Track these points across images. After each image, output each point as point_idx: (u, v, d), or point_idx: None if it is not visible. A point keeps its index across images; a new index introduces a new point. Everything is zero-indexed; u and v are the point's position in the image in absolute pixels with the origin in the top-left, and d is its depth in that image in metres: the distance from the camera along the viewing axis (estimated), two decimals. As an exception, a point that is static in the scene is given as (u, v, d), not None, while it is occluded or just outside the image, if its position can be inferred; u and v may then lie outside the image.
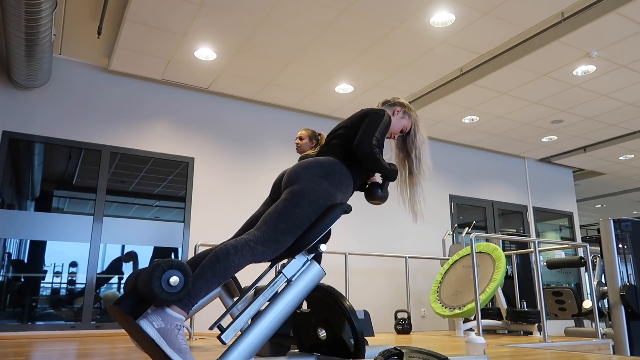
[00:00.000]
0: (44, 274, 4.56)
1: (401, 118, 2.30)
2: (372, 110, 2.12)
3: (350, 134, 2.06)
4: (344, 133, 2.08)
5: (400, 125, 2.29)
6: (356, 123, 2.09)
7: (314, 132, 3.55)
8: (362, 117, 2.10)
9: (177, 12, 3.97)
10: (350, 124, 2.11)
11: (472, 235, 4.03)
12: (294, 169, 1.91)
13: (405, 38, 4.33)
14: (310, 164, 1.90)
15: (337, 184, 1.89)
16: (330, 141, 2.12)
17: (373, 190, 2.14)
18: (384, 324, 5.88)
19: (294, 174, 1.88)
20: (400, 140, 2.35)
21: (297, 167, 1.91)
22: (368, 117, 2.08)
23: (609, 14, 3.90)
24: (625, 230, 4.64)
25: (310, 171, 1.86)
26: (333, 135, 2.13)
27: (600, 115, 6.04)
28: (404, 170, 2.29)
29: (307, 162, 1.92)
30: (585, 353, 3.41)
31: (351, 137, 2.04)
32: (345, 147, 2.03)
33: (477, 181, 7.43)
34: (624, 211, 11.40)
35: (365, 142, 1.97)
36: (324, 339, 2.06)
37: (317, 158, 1.96)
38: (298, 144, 3.52)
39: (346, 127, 2.10)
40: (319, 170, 1.87)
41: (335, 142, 2.08)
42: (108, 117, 5.06)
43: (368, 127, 2.03)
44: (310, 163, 1.91)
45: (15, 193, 4.61)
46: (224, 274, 1.59)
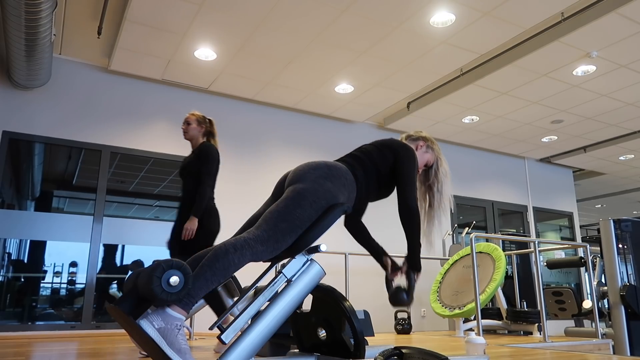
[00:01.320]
0: (44, 274, 4.56)
1: (425, 152, 2.32)
2: (402, 149, 2.12)
3: (372, 155, 2.09)
4: (366, 152, 2.11)
5: (424, 159, 2.32)
6: (383, 152, 2.10)
7: (203, 117, 3.41)
8: (391, 152, 2.11)
9: (177, 12, 3.97)
10: (376, 148, 2.13)
11: (472, 235, 4.03)
12: (301, 167, 1.92)
13: (405, 38, 4.33)
14: (318, 165, 1.91)
15: (341, 188, 1.89)
16: (352, 152, 2.14)
17: (399, 294, 2.04)
18: (384, 324, 5.87)
19: (300, 172, 1.88)
20: (422, 173, 2.36)
21: (304, 166, 1.92)
22: (401, 162, 2.07)
23: (609, 14, 3.90)
24: (625, 230, 4.64)
25: (316, 172, 1.87)
26: (358, 148, 2.16)
27: (600, 115, 6.04)
28: (424, 202, 2.31)
29: (316, 163, 1.93)
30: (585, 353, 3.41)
31: (372, 158, 2.07)
32: (360, 161, 2.06)
33: (477, 181, 7.43)
34: (624, 211, 11.40)
35: (411, 196, 2.02)
36: (324, 339, 2.06)
37: (325, 161, 1.97)
38: (185, 130, 3.36)
39: (371, 148, 2.13)
40: (325, 172, 1.88)
41: (355, 154, 2.11)
42: (108, 117, 5.06)
43: (407, 177, 2.06)
44: (319, 164, 1.92)
45: (15, 193, 4.61)
46: (224, 273, 1.59)
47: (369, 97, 5.62)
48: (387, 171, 2.10)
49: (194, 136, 3.37)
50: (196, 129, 3.37)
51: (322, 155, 6.22)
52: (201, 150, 3.27)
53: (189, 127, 3.36)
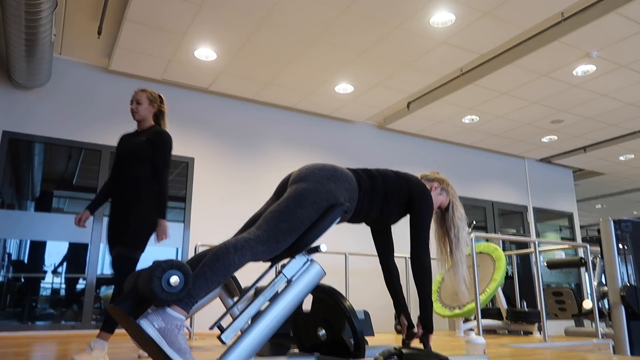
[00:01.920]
0: (44, 274, 4.56)
1: (439, 194, 2.34)
2: (421, 192, 2.13)
3: (388, 178, 2.10)
4: (384, 174, 2.12)
5: (438, 201, 2.34)
6: (400, 181, 2.12)
7: (154, 94, 3.04)
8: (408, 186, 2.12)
9: (177, 12, 3.97)
10: (396, 175, 2.14)
11: (472, 235, 4.03)
12: (306, 167, 1.92)
13: (405, 38, 4.33)
14: (324, 167, 1.92)
15: (343, 191, 1.90)
16: (369, 169, 2.14)
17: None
18: (384, 324, 5.87)
19: (304, 172, 1.89)
20: (439, 216, 2.38)
21: (309, 166, 1.93)
22: (419, 207, 2.10)
23: (609, 14, 3.90)
24: (625, 231, 4.64)
25: (320, 172, 1.88)
26: (378, 169, 2.15)
27: (600, 115, 6.04)
28: (444, 247, 2.34)
29: (322, 164, 1.94)
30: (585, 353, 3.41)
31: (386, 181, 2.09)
32: (373, 178, 2.07)
33: (477, 181, 7.43)
34: (624, 211, 11.40)
35: (424, 247, 2.09)
36: (324, 339, 2.06)
37: (333, 165, 1.98)
38: (136, 110, 2.93)
39: (391, 173, 2.14)
40: (330, 173, 1.89)
41: (372, 170, 2.11)
42: (108, 117, 5.06)
43: (422, 226, 2.10)
44: (325, 166, 1.93)
45: (15, 193, 4.61)
46: (224, 273, 1.59)
47: (369, 97, 5.62)
48: (396, 201, 2.10)
49: (145, 117, 2.97)
50: (147, 108, 2.97)
51: (322, 155, 6.22)
52: (157, 135, 2.86)
53: (140, 107, 2.93)
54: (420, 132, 6.78)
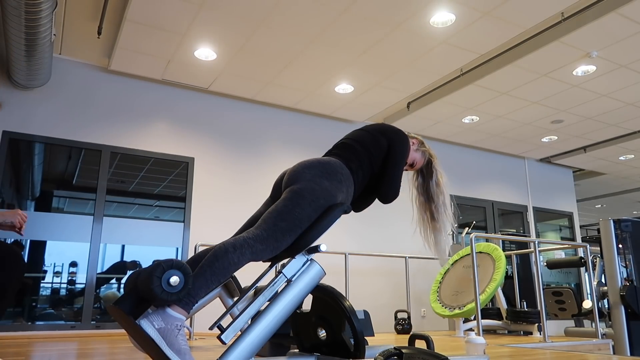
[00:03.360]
0: (44, 274, 4.56)
1: (415, 151, 2.29)
2: (396, 135, 2.11)
3: (364, 141, 2.08)
4: (358, 138, 2.10)
5: (413, 157, 2.28)
6: (376, 138, 2.10)
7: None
8: (385, 137, 2.10)
9: (177, 12, 3.97)
10: (368, 134, 2.12)
11: (472, 235, 4.03)
12: (295, 168, 1.91)
13: (405, 38, 4.33)
14: (312, 164, 1.91)
15: (338, 185, 1.89)
16: (340, 142, 2.13)
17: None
18: (384, 324, 5.87)
19: (295, 173, 1.88)
20: (420, 183, 2.34)
21: (298, 166, 1.91)
22: (394, 153, 2.08)
23: (609, 14, 3.90)
24: (625, 230, 4.64)
25: (311, 171, 1.87)
26: (346, 137, 2.15)
27: (600, 115, 6.04)
28: (426, 214, 2.29)
29: (309, 161, 1.93)
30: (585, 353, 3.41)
31: (364, 145, 2.07)
32: (353, 150, 2.05)
33: (477, 181, 7.43)
34: (624, 211, 11.40)
35: (394, 190, 2.06)
36: (324, 339, 2.06)
37: (319, 158, 1.97)
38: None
39: (363, 134, 2.12)
40: (320, 170, 1.88)
41: (346, 142, 2.10)
42: (108, 117, 5.06)
43: (395, 170, 2.07)
44: (312, 163, 1.92)
45: (15, 193, 4.61)
46: (224, 272, 1.59)
47: (369, 97, 5.62)
48: (380, 157, 2.09)
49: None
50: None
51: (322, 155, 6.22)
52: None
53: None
54: (420, 132, 6.77)
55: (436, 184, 2.29)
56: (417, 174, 2.36)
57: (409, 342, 2.02)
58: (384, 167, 2.09)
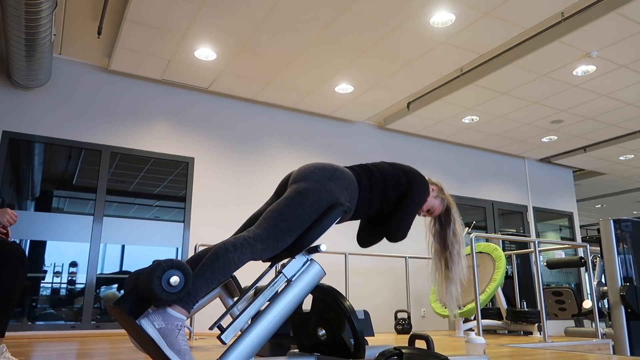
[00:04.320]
0: (44, 274, 4.56)
1: (434, 197, 2.25)
2: (419, 180, 2.11)
3: (385, 171, 2.09)
4: (380, 167, 2.10)
5: (431, 204, 2.24)
6: (398, 174, 2.10)
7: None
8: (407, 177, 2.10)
9: (177, 12, 3.97)
10: (392, 168, 2.12)
11: (472, 235, 4.03)
12: (306, 166, 1.92)
13: (405, 38, 4.33)
14: (324, 166, 1.91)
15: (344, 190, 1.89)
16: (365, 164, 2.12)
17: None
18: (384, 324, 5.87)
19: (304, 171, 1.88)
20: (437, 230, 2.31)
21: (309, 165, 1.92)
22: (411, 194, 2.07)
23: (609, 14, 3.90)
24: (625, 230, 4.64)
25: (320, 172, 1.87)
26: (372, 163, 2.14)
27: (600, 115, 6.04)
28: (441, 262, 2.27)
29: (322, 164, 1.93)
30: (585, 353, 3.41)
31: (384, 174, 2.07)
32: (370, 173, 2.05)
33: (477, 181, 7.43)
34: (624, 211, 11.40)
35: (402, 231, 2.07)
36: (324, 339, 2.06)
37: (332, 164, 1.97)
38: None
39: (386, 165, 2.12)
40: (330, 173, 1.89)
41: (368, 165, 2.10)
42: (108, 117, 5.06)
43: (408, 210, 2.07)
44: (325, 165, 1.92)
45: (15, 193, 4.61)
46: (224, 272, 1.59)
47: (369, 97, 5.62)
48: (396, 193, 2.07)
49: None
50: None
51: (322, 155, 6.22)
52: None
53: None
54: (420, 132, 6.78)
55: (453, 233, 2.25)
56: (435, 220, 2.32)
57: (409, 342, 2.02)
58: (398, 204, 2.08)
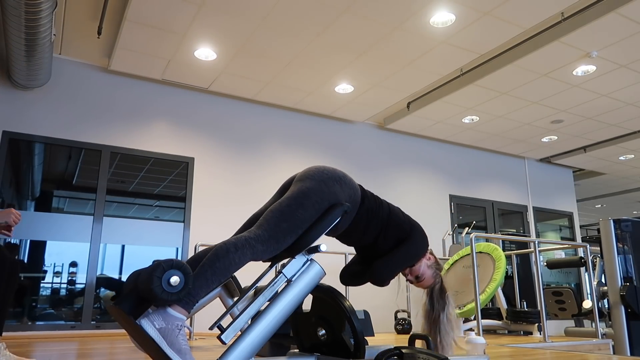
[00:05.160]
0: (44, 274, 4.56)
1: (427, 266, 2.15)
2: (420, 236, 2.06)
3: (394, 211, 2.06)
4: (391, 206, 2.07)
5: (421, 269, 2.14)
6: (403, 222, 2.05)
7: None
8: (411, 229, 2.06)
9: (177, 12, 3.97)
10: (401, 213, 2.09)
11: (472, 235, 4.03)
12: (315, 166, 1.92)
13: (405, 38, 4.33)
14: (334, 170, 1.92)
15: (346, 196, 1.89)
16: (379, 197, 2.09)
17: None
18: (384, 324, 5.87)
19: (312, 171, 1.88)
20: (427, 310, 2.21)
21: (319, 166, 1.93)
22: (408, 244, 2.03)
23: (609, 14, 3.90)
24: (625, 230, 4.64)
25: (328, 174, 1.87)
26: (387, 202, 2.11)
27: (600, 115, 6.04)
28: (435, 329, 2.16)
29: (333, 168, 1.94)
30: (585, 353, 3.41)
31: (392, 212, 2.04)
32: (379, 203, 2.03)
33: (477, 181, 7.43)
34: (624, 211, 11.40)
35: (387, 274, 2.01)
36: (324, 339, 2.06)
37: (343, 172, 1.96)
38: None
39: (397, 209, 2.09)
40: (338, 176, 1.89)
41: (380, 198, 2.07)
42: (108, 117, 5.06)
43: (399, 257, 2.01)
44: (335, 170, 1.92)
45: (15, 193, 4.61)
46: (224, 272, 1.59)
47: (369, 97, 5.62)
48: (393, 236, 2.04)
49: None
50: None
51: (322, 155, 6.22)
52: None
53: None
54: (420, 132, 6.78)
55: (447, 318, 2.15)
56: (427, 299, 2.22)
57: (409, 342, 2.02)
58: (391, 249, 2.03)
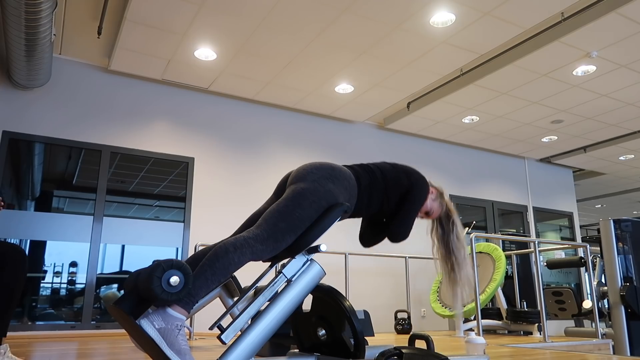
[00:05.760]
0: (44, 274, 4.56)
1: (433, 200, 2.25)
2: (420, 181, 2.13)
3: (386, 172, 2.09)
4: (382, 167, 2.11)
5: (430, 206, 2.24)
6: (399, 174, 2.11)
7: None
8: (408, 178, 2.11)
9: (177, 12, 3.97)
10: (393, 168, 2.13)
11: (472, 235, 4.03)
12: (304, 167, 1.91)
13: (405, 38, 4.33)
14: (321, 166, 1.91)
15: (343, 190, 1.89)
16: (365, 164, 2.13)
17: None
18: (384, 324, 5.87)
19: (303, 172, 1.88)
20: (439, 235, 2.31)
21: (307, 165, 1.92)
22: (412, 195, 2.09)
23: (609, 14, 3.90)
24: (625, 230, 4.64)
25: (319, 172, 1.87)
26: (373, 163, 2.15)
27: (600, 115, 6.04)
28: (447, 266, 2.27)
29: (319, 163, 1.93)
30: (585, 353, 3.41)
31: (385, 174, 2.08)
32: (371, 173, 2.06)
33: (477, 181, 7.43)
34: (624, 211, 11.40)
35: (404, 232, 2.09)
36: (324, 339, 2.06)
37: (331, 163, 1.96)
38: None
39: (388, 166, 2.13)
40: (328, 173, 1.88)
41: (369, 165, 2.10)
42: (108, 117, 5.06)
43: (410, 212, 2.09)
44: (322, 165, 1.92)
45: (15, 193, 4.61)
46: (224, 272, 1.59)
47: (369, 97, 5.62)
48: (396, 194, 2.08)
49: None
50: None
51: (322, 155, 6.23)
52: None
53: None
54: (420, 132, 6.78)
55: (457, 237, 2.27)
56: (436, 225, 2.32)
57: (409, 342, 2.03)
58: (399, 206, 2.09)
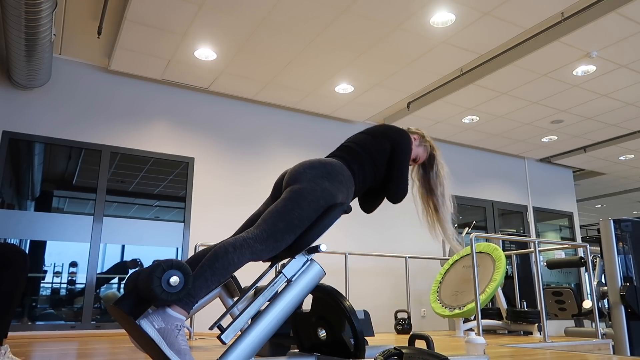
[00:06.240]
0: (44, 274, 4.56)
1: (417, 146, 2.31)
2: (399, 135, 2.15)
3: (367, 145, 2.10)
4: (361, 142, 2.12)
5: (416, 153, 2.31)
6: (379, 140, 2.12)
7: None
8: (388, 140, 2.13)
9: (177, 12, 3.97)
10: (370, 137, 2.14)
11: (472, 235, 4.03)
12: (296, 168, 1.91)
13: (405, 38, 4.33)
14: (313, 164, 1.91)
15: (339, 185, 1.89)
16: (343, 145, 2.15)
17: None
18: (384, 324, 5.87)
19: (296, 173, 1.88)
20: (421, 174, 2.37)
21: (299, 166, 1.91)
22: (398, 153, 2.11)
23: (609, 14, 3.90)
24: (625, 230, 4.64)
25: (312, 171, 1.87)
26: (348, 139, 2.17)
27: (600, 115, 6.04)
28: (429, 206, 2.32)
29: (310, 162, 1.93)
30: (585, 353, 3.41)
31: (367, 148, 2.09)
32: (355, 153, 2.07)
33: (477, 181, 7.43)
34: (624, 211, 11.40)
35: (402, 190, 2.12)
36: (324, 339, 2.06)
37: (320, 159, 1.97)
38: None
39: (365, 137, 2.15)
40: (321, 171, 1.88)
41: (349, 145, 2.12)
42: (108, 117, 5.06)
43: (401, 170, 2.12)
44: (313, 163, 1.92)
45: (15, 193, 4.61)
46: (224, 272, 1.59)
47: (369, 97, 5.62)
48: (384, 160, 2.11)
49: None
50: None
51: (322, 155, 6.22)
52: None
53: None
54: (420, 132, 6.76)
55: (436, 174, 2.32)
56: (419, 166, 2.39)
57: (409, 342, 2.03)
58: (389, 168, 2.12)
